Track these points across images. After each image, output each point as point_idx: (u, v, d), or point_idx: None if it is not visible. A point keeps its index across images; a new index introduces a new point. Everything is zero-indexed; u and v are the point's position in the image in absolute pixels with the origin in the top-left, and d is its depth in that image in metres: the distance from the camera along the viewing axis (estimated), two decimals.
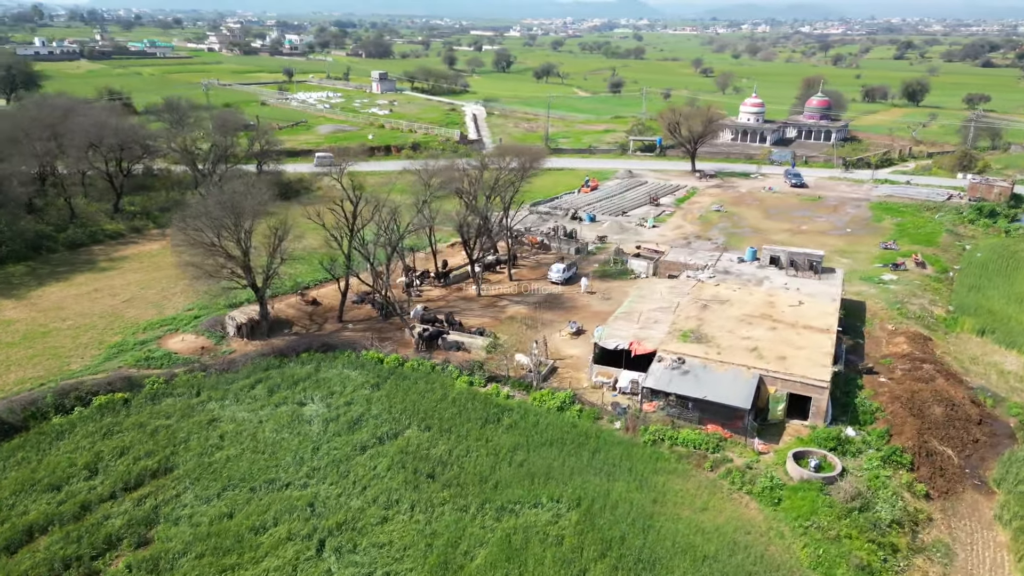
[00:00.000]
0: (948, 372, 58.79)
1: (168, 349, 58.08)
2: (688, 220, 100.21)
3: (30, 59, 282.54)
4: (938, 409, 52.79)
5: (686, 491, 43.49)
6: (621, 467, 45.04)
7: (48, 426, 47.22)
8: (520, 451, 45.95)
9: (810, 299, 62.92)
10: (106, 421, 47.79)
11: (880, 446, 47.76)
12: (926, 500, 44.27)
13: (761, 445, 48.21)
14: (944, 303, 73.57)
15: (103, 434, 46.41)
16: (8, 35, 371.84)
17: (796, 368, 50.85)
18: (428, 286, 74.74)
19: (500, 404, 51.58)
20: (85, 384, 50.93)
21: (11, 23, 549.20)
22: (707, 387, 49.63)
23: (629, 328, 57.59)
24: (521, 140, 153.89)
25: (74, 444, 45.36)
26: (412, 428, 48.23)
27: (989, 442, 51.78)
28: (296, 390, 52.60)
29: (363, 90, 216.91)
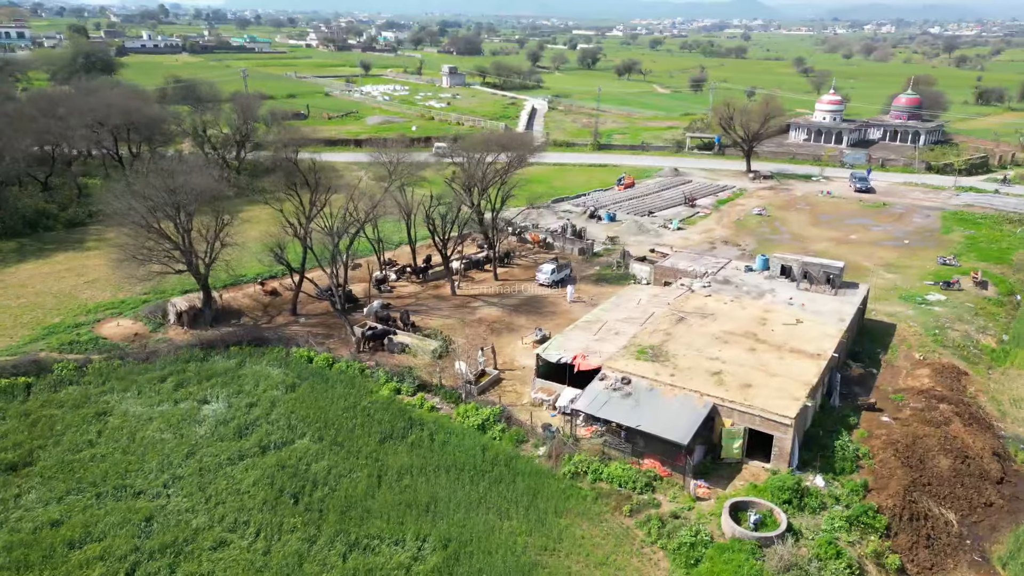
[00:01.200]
0: (973, 415, 48.38)
1: (99, 334, 55.43)
2: (721, 224, 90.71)
3: (136, 51, 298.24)
4: (944, 461, 43.03)
5: (590, 539, 36.34)
6: (521, 502, 38.32)
7: None
8: (410, 475, 39.96)
9: (814, 317, 53.65)
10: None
11: (851, 502, 38.83)
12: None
13: (703, 489, 40.25)
14: (999, 331, 61.98)
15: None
16: (126, 30, 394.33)
17: (758, 399, 42.40)
18: (406, 282, 69.67)
19: (415, 417, 45.74)
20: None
21: (138, 20, 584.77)
22: (645, 415, 41.99)
23: (584, 339, 50.44)
24: (575, 135, 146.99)
25: None
26: (305, 439, 43.11)
27: (1007, 507, 41.73)
28: (205, 386, 48.56)
29: (432, 84, 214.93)
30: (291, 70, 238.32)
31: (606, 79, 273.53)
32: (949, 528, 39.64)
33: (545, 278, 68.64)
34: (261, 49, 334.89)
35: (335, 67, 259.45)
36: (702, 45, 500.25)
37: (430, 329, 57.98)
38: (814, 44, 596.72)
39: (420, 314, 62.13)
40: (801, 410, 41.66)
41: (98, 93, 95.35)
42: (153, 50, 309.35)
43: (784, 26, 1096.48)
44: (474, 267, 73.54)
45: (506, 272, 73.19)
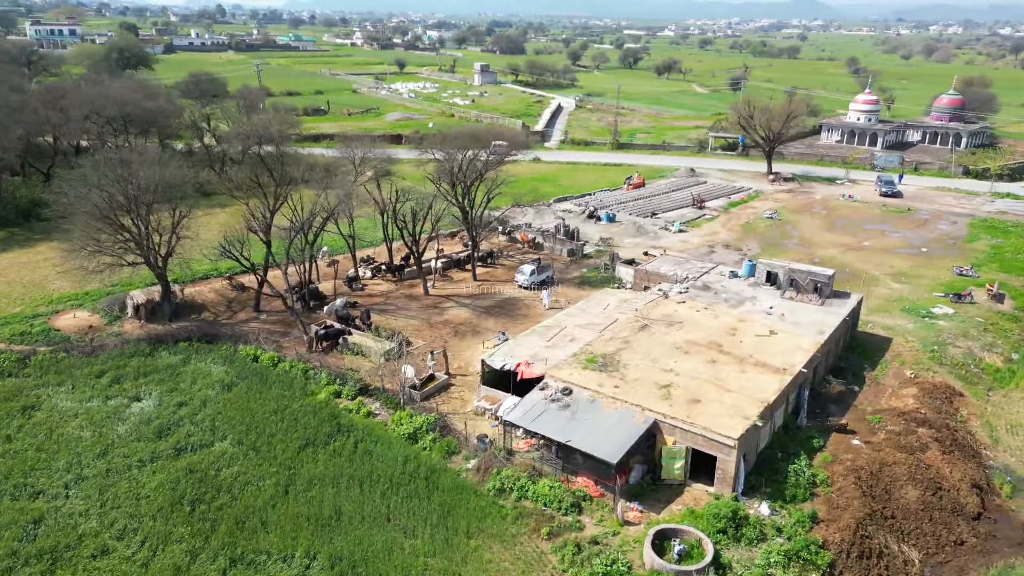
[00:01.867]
0: (957, 442, 43.90)
1: (53, 326, 54.76)
2: (727, 227, 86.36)
3: (184, 49, 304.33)
4: (912, 492, 38.91)
5: (497, 563, 33.53)
6: (432, 520, 35.68)
7: None
8: (320, 485, 37.70)
9: (792, 328, 49.67)
10: None
11: (795, 534, 35.11)
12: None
13: (634, 513, 37.01)
14: (1008, 349, 56.77)
15: None
16: (178, 29, 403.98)
17: (703, 417, 38.89)
18: (381, 280, 67.63)
19: (346, 423, 43.51)
20: None
21: (195, 19, 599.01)
22: (579, 429, 38.90)
23: (536, 345, 47.53)
24: (597, 134, 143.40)
25: None
26: (225, 442, 41.26)
27: (980, 547, 37.51)
28: (141, 383, 47.23)
29: (464, 82, 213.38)
30: (327, 67, 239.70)
31: (645, 78, 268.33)
32: (908, 568, 35.66)
33: (524, 280, 65.81)
34: (305, 47, 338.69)
35: (372, 65, 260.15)
36: (752, 45, 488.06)
37: (390, 330, 55.72)
38: (873, 44, 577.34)
39: (387, 314, 60.03)
40: (748, 431, 38.02)
41: (103, 85, 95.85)
42: (200, 48, 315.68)
43: (845, 26, 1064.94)
44: (455, 266, 71.11)
45: (488, 272, 70.55)
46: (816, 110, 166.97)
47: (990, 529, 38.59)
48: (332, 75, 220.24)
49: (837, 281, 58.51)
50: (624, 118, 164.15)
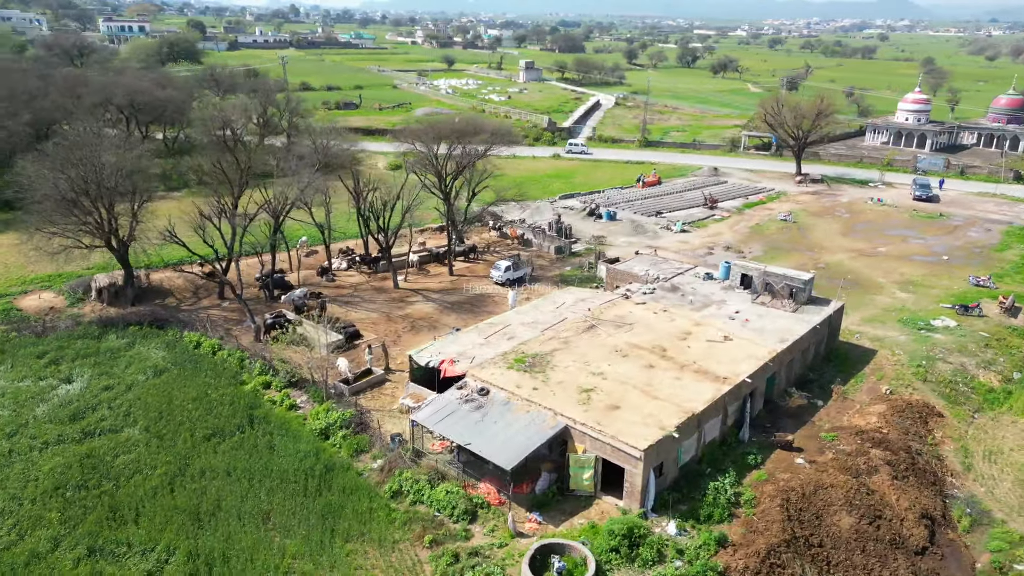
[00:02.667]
0: (915, 467, 39.69)
1: (17, 306, 55.59)
2: (735, 228, 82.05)
3: (247, 46, 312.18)
4: (846, 520, 35.16)
5: (368, 570, 31.61)
6: (311, 520, 33.96)
7: None
8: (209, 478, 36.47)
9: (752, 335, 46.04)
10: None
11: (696, 557, 32.01)
12: None
13: (532, 524, 34.56)
14: (1011, 368, 51.50)
15: None
16: (246, 27, 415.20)
17: (615, 425, 36.05)
18: (356, 271, 66.50)
19: (260, 415, 42.29)
20: None
21: (268, 18, 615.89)
22: (484, 432, 36.62)
23: (470, 342, 45.36)
24: (629, 131, 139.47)
25: None
26: (135, 428, 40.56)
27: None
28: (78, 364, 47.15)
29: (509, 79, 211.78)
30: (377, 64, 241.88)
31: (699, 77, 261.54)
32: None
33: (499, 276, 63.61)
34: (363, 45, 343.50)
35: (424, 62, 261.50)
36: (824, 45, 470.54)
37: (345, 322, 54.39)
38: (959, 45, 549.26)
39: (350, 306, 58.87)
40: (661, 442, 35.00)
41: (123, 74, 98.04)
42: (263, 45, 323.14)
43: (932, 27, 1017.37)
44: (436, 260, 69.38)
45: (468, 268, 68.64)
46: (868, 110, 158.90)
47: (934, 566, 34.52)
48: (379, 71, 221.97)
49: (841, 289, 54.35)
50: (662, 116, 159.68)
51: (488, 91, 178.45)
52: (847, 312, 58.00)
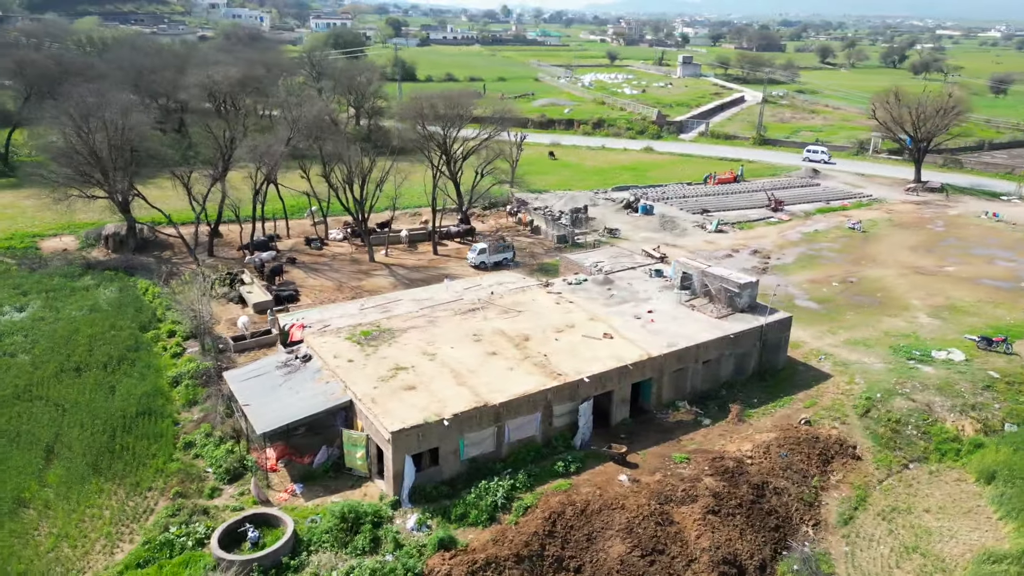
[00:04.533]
0: (758, 505, 33.08)
1: (39, 246, 62.98)
2: (783, 233, 72.93)
3: (437, 42, 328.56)
4: (618, 548, 30.29)
5: (96, 509, 32.19)
6: (88, 458, 34.85)
7: None
8: (41, 405, 38.80)
9: (644, 337, 40.84)
10: None
11: (410, 556, 29.12)
12: None
13: (285, 495, 33.43)
14: (1003, 417, 41.09)
15: None
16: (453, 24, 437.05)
17: (387, 405, 33.66)
18: (348, 243, 67.68)
19: (136, 357, 44.38)
20: None
21: (479, 18, 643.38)
22: (273, 397, 35.92)
23: (344, 312, 44.63)
24: (751, 129, 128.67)
25: None
26: (27, 355, 44.15)
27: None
28: (39, 296, 52.26)
29: (665, 74, 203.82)
30: (537, 59, 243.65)
31: (895, 76, 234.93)
32: None
33: (472, 258, 61.76)
34: (546, 42, 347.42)
35: (591, 58, 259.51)
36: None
37: (289, 287, 55.71)
38: None
39: (316, 273, 60.25)
40: (419, 427, 32.17)
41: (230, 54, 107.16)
42: (452, 42, 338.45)
43: None
44: (447, 239, 68.50)
45: (458, 249, 67.31)
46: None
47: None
48: (537, 65, 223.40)
49: (774, 297, 46.94)
50: (806, 115, 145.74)
51: (628, 85, 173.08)
52: (835, 331, 50.01)
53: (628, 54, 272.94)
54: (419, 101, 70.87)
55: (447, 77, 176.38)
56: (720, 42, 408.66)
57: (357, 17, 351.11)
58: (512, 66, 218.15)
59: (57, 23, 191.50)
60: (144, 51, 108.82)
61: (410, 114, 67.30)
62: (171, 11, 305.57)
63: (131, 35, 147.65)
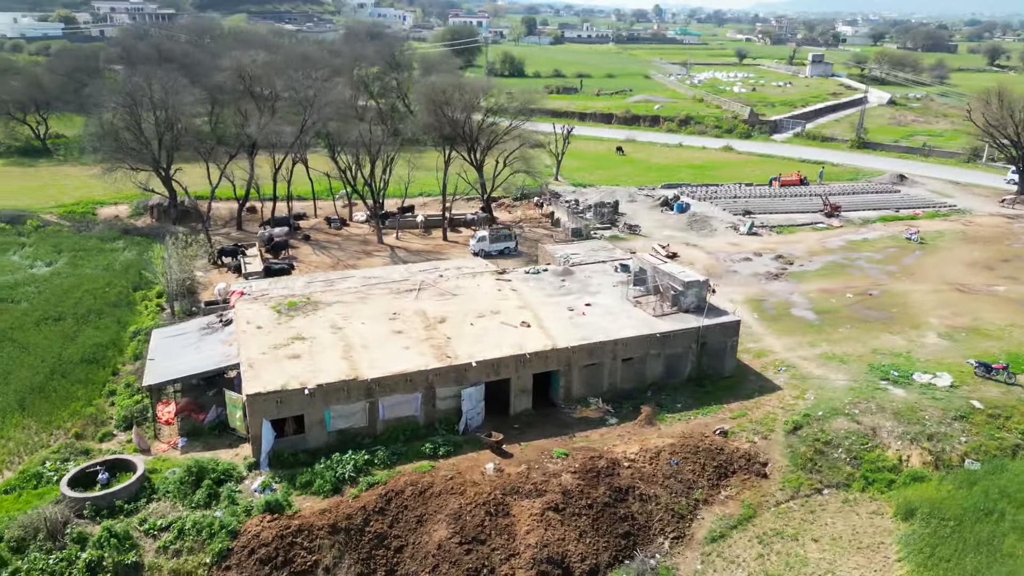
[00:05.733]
0: (611, 509, 31.14)
1: (94, 212, 69.75)
2: (824, 239, 67.14)
3: (571, 40, 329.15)
4: (441, 532, 29.74)
5: (4, 441, 35.41)
6: (26, 397, 38.42)
7: None
8: (7, 348, 43.25)
9: (566, 330, 39.39)
10: None
11: (235, 514, 29.95)
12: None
13: (165, 446, 35.35)
14: (965, 452, 35.95)
15: None
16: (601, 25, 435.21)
17: (266, 370, 34.63)
18: (368, 225, 69.69)
19: (115, 312, 48.41)
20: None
21: (630, 19, 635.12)
22: (179, 355, 38.06)
23: (293, 285, 46.12)
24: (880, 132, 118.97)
25: None
26: (31, 302, 49.34)
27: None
28: (71, 255, 58.33)
29: (794, 74, 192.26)
30: (661, 57, 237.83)
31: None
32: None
33: (473, 246, 61.84)
34: (683, 41, 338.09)
35: (720, 56, 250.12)
36: None
37: (285, 261, 58.32)
38: None
39: (323, 250, 62.94)
40: (279, 393, 32.89)
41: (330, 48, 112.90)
42: (585, 40, 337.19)
43: None
44: (464, 225, 69.16)
45: (471, 236, 67.41)
46: None
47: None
48: (661, 63, 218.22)
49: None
50: (930, 119, 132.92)
51: (741, 84, 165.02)
52: (816, 344, 46.02)
53: (765, 53, 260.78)
54: (435, 89, 71.63)
55: (554, 73, 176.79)
56: (881, 42, 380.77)
57: (495, 16, 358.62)
58: (631, 63, 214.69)
59: (210, 20, 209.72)
60: (248, 43, 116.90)
61: (425, 102, 68.16)
62: (323, 10, 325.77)
63: (243, 29, 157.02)
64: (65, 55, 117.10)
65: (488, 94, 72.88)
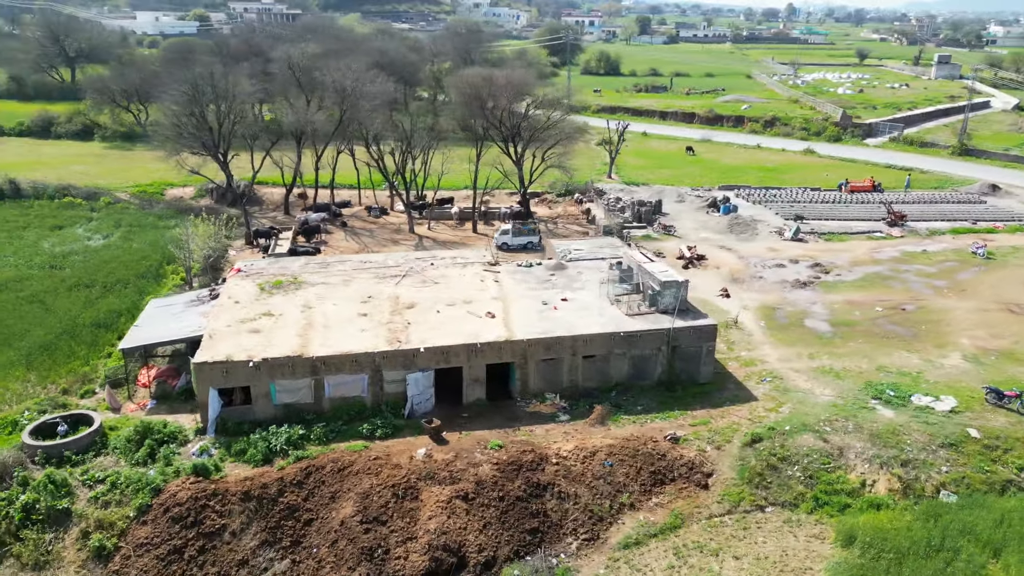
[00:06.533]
0: (521, 504, 30.51)
1: (163, 192, 75.00)
2: (877, 249, 62.32)
3: (687, 40, 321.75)
4: (347, 509, 30.28)
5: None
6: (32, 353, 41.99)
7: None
8: (36, 307, 47.41)
9: (530, 323, 38.94)
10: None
11: (164, 473, 31.64)
12: None
13: (136, 406, 37.73)
14: (941, 483, 32.72)
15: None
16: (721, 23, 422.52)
17: (224, 341, 36.27)
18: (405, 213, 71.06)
19: (139, 281, 52.01)
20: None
21: (757, 18, 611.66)
22: (164, 323, 40.52)
23: (290, 266, 47.88)
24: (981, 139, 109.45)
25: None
26: (70, 271, 53.81)
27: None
28: (127, 228, 63.31)
29: (915, 75, 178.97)
30: (773, 57, 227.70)
31: None
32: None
33: (497, 239, 61.89)
34: (807, 40, 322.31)
35: (840, 56, 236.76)
36: None
37: (317, 245, 60.75)
38: None
39: (355, 236, 64.97)
40: (225, 364, 34.41)
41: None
42: (702, 39, 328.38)
43: None
44: (483, 218, 69.50)
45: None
46: None
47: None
48: (769, 63, 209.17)
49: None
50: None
51: (849, 85, 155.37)
52: (816, 356, 43.43)
53: (893, 53, 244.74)
54: (470, 81, 71.88)
55: (650, 72, 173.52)
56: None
57: (611, 16, 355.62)
58: (737, 63, 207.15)
59: (329, 19, 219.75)
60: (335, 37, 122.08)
61: (457, 94, 68.67)
62: (439, 10, 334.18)
63: (325, 24, 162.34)
64: (171, 49, 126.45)
65: (526, 90, 72.22)
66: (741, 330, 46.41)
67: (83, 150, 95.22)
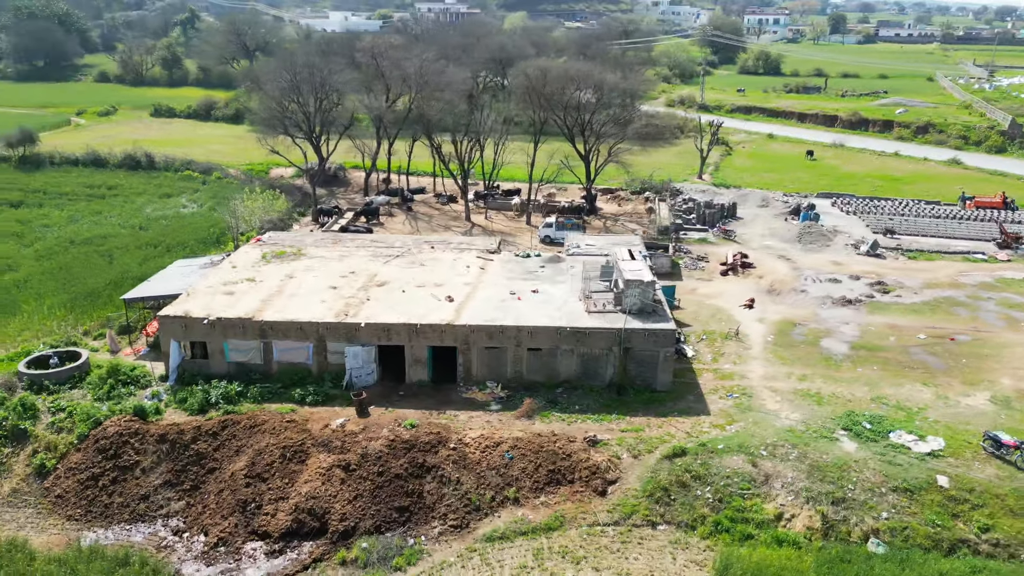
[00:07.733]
0: (393, 476, 30.75)
1: (267, 171, 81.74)
2: (966, 271, 54.28)
3: (885, 40, 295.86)
4: (240, 463, 32.25)
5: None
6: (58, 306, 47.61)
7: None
8: (98, 257, 53.94)
9: (485, 313, 38.78)
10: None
11: (112, 413, 35.27)
12: None
13: (130, 351, 42.12)
14: (875, 529, 28.61)
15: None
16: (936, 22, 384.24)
17: (198, 300, 39.42)
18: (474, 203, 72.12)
19: (192, 246, 57.06)
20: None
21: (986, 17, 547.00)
22: (171, 280, 44.67)
23: (301, 237, 50.72)
24: None
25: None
26: (150, 232, 60.51)
27: None
28: (216, 200, 69.58)
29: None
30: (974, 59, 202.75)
31: None
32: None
33: (541, 232, 61.53)
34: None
35: None
36: None
37: (368, 225, 63.71)
38: None
39: (416, 220, 67.32)
40: (179, 318, 37.56)
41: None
42: (905, 39, 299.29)
43: None
44: (540, 210, 68.98)
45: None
46: None
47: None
48: (964, 66, 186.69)
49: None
50: None
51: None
52: (807, 379, 39.69)
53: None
54: (528, 75, 70.95)
55: (815, 72, 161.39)
56: None
57: (802, 14, 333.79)
58: (922, 64, 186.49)
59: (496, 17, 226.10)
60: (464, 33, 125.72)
61: (521, 89, 68.38)
62: (616, 8, 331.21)
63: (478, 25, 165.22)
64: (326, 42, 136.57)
65: (591, 84, 70.18)
66: (741, 342, 42.87)
67: (230, 132, 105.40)
